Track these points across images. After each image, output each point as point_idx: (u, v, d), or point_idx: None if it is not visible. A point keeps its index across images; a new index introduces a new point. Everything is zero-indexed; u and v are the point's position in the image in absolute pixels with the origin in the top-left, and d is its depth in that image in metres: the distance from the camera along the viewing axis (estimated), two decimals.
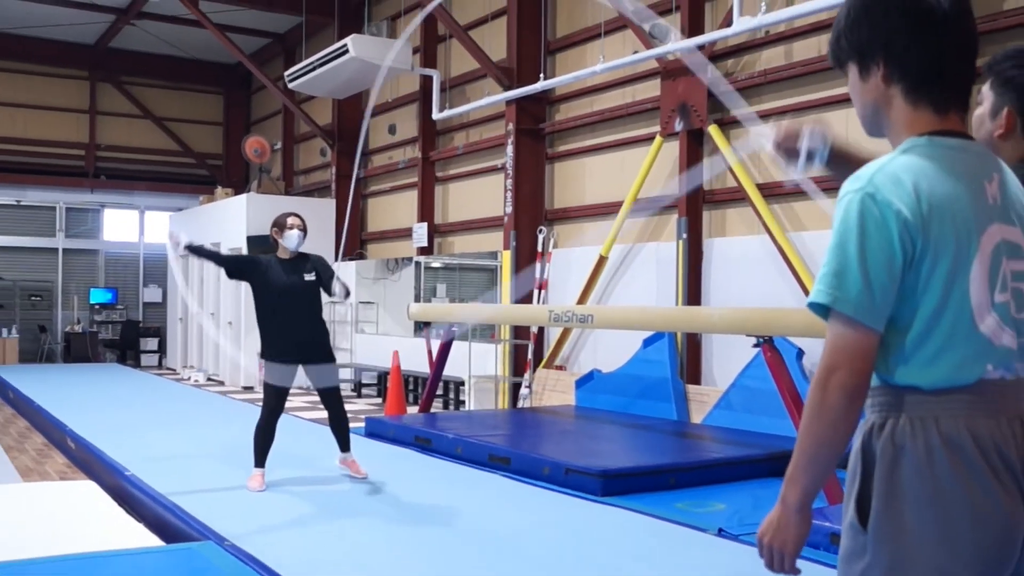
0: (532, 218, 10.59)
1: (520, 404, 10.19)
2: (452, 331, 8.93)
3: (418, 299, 13.10)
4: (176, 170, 18.56)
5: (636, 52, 9.03)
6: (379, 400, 12.21)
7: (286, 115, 16.89)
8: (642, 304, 8.92)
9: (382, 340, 12.91)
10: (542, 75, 10.17)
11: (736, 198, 8.35)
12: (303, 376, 6.02)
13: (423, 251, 12.79)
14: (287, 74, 13.17)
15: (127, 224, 18.53)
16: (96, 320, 17.93)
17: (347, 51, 11.42)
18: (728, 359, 8.24)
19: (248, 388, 13.56)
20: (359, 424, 8.44)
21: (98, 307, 17.98)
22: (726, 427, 7.64)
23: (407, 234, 13.12)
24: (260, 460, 5.86)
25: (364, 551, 4.54)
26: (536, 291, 10.40)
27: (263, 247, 13.70)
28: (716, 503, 5.54)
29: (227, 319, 14.50)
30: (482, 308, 10.02)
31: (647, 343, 8.82)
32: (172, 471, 6.26)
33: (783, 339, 6.71)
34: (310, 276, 5.88)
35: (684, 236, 8.56)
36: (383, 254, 14.12)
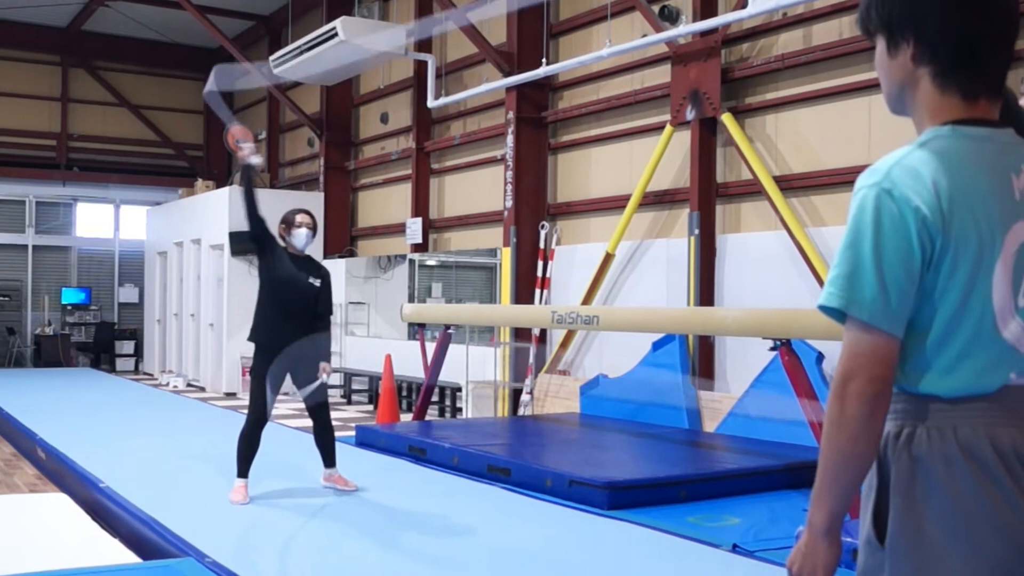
0: (534, 213, 10.60)
1: (521, 411, 10.20)
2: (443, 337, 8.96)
3: (412, 299, 13.12)
4: (153, 161, 18.58)
5: (645, 35, 9.04)
6: (370, 407, 12.22)
7: (271, 103, 16.91)
8: (651, 304, 8.93)
9: (373, 343, 12.93)
10: (544, 60, 10.18)
11: (752, 191, 8.35)
12: (288, 383, 6.05)
13: (417, 248, 12.80)
14: (272, 59, 13.19)
15: (101, 219, 18.55)
16: (68, 322, 17.94)
17: (336, 34, 11.42)
18: (743, 363, 8.25)
19: (230, 394, 13.58)
20: (349, 433, 8.45)
21: (70, 308, 17.99)
22: (741, 436, 7.65)
23: (400, 230, 13.13)
24: (243, 470, 5.87)
25: (354, 568, 4.54)
26: (537, 291, 10.41)
27: (246, 244, 13.77)
28: (730, 517, 5.54)
29: (208, 321, 14.52)
30: (480, 309, 10.03)
31: (656, 346, 8.83)
32: (149, 483, 6.26)
33: (802, 342, 6.71)
34: (315, 281, 5.98)
35: (696, 232, 8.57)
36: (374, 251, 14.14)
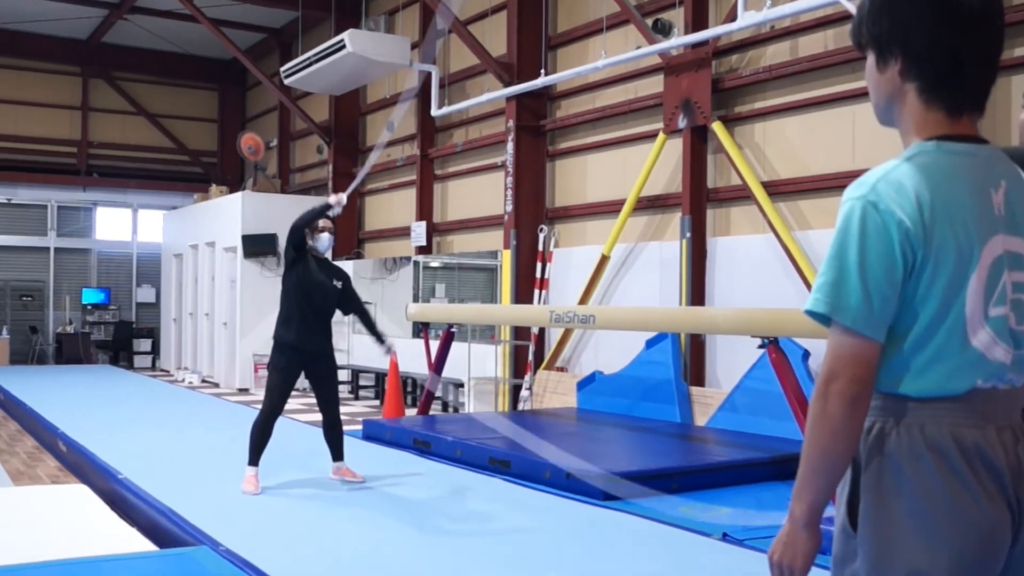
0: (533, 216, 10.60)
1: (520, 406, 10.20)
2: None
3: (416, 299, 13.10)
4: (170, 168, 18.57)
5: (639, 47, 9.04)
6: (377, 402, 12.22)
7: (282, 112, 16.90)
8: (645, 304, 8.93)
9: None
10: (543, 71, 10.17)
11: (741, 196, 8.35)
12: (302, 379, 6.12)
13: (421, 250, 12.79)
14: (283, 70, 13.17)
15: (120, 223, 18.51)
16: (88, 321, 17.93)
17: (344, 46, 11.42)
18: (732, 360, 8.24)
19: (243, 390, 13.57)
20: (356, 427, 8.44)
21: (90, 307, 17.97)
22: (730, 430, 7.64)
23: (405, 233, 13.12)
24: (255, 458, 5.90)
25: (362, 556, 4.54)
26: (536, 291, 10.41)
27: (259, 247, 13.78)
28: (720, 507, 5.53)
29: (222, 320, 14.51)
30: (482, 309, 10.01)
31: (650, 344, 8.82)
32: (166, 474, 6.27)
33: (788, 340, 6.70)
34: (337, 283, 6.18)
35: (688, 235, 8.57)
36: (381, 253, 14.13)
